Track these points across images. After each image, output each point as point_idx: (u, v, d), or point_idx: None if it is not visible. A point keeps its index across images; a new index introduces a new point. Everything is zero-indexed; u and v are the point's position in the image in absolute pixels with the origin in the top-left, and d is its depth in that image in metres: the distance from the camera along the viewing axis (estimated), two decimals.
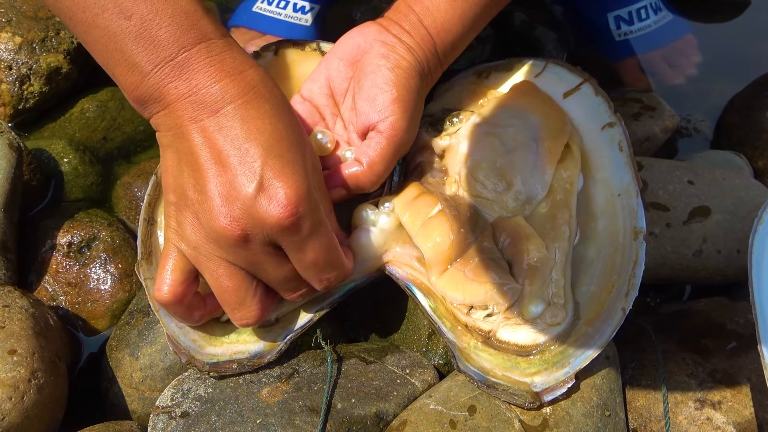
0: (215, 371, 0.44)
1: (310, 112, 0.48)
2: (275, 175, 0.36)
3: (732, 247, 0.53)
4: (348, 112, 0.48)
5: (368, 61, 0.45)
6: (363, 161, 0.44)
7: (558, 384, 0.42)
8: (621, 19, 0.68)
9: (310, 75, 0.49)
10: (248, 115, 0.37)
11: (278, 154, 0.37)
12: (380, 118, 0.44)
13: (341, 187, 0.45)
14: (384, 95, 0.44)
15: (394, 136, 0.44)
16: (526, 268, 0.45)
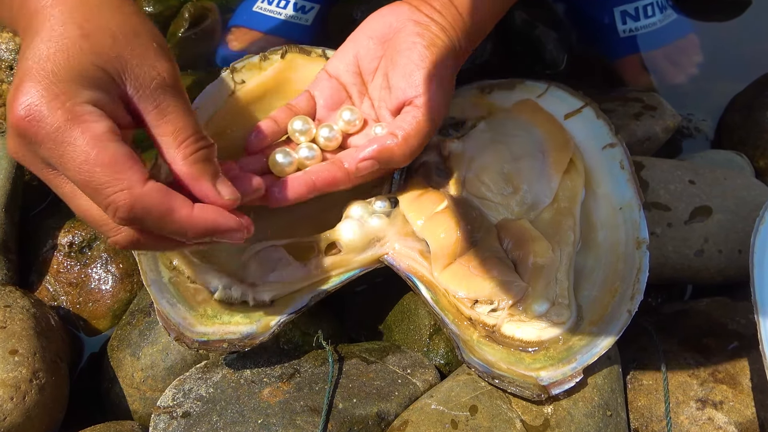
0: (204, 349, 0.44)
1: (337, 90, 0.48)
2: (28, 81, 0.31)
3: (733, 247, 0.53)
4: (378, 90, 0.48)
5: (402, 39, 0.46)
6: (398, 134, 0.44)
7: (566, 378, 0.42)
8: (627, 14, 0.68)
9: (337, 52, 0.49)
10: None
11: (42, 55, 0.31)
12: (417, 93, 0.45)
13: (373, 160, 0.45)
14: (421, 71, 0.45)
15: (430, 111, 0.45)
16: (532, 268, 0.46)
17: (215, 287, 0.46)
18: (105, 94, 0.33)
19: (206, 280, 0.46)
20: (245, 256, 0.49)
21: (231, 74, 0.53)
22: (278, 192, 0.44)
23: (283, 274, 0.47)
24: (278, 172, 0.46)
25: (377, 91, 0.48)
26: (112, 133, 0.32)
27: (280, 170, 0.46)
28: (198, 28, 0.71)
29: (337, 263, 0.47)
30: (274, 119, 0.47)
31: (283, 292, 0.46)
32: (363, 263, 0.47)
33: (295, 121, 0.47)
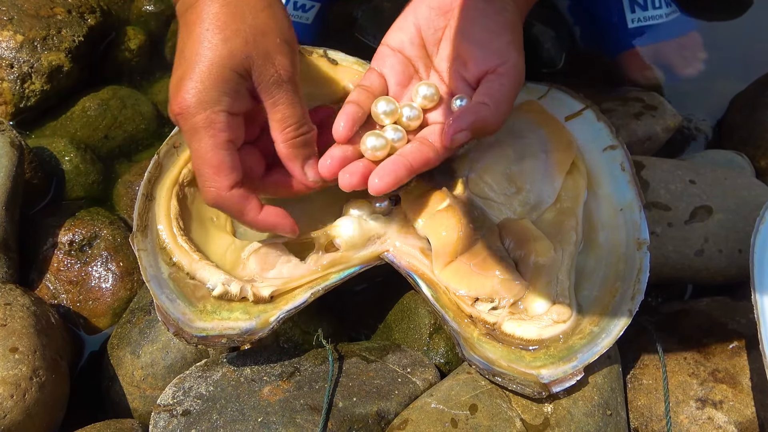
0: (203, 344, 0.44)
1: (405, 65, 0.47)
2: (185, 82, 0.41)
3: (734, 247, 0.53)
4: (445, 62, 0.47)
5: (468, 7, 0.45)
6: (489, 103, 0.44)
7: (566, 377, 0.42)
8: (636, 2, 0.68)
9: (395, 25, 0.48)
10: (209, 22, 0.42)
11: (197, 58, 0.41)
12: (501, 61, 0.44)
13: (467, 131, 0.44)
14: (500, 38, 0.44)
15: (516, 77, 0.44)
16: (533, 267, 0.46)
17: (213, 284, 0.46)
18: (236, 94, 0.42)
19: (204, 277, 0.46)
20: (245, 253, 0.49)
21: None
22: (378, 180, 0.43)
23: (283, 270, 0.47)
24: (371, 156, 0.45)
25: (445, 63, 0.47)
26: (228, 143, 0.42)
27: (372, 154, 0.44)
28: None
29: (337, 260, 0.47)
30: (357, 103, 0.46)
31: (283, 288, 0.46)
32: (363, 260, 0.47)
33: (379, 102, 0.46)
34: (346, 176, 0.43)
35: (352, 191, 0.44)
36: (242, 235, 0.51)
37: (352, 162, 0.44)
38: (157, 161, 0.50)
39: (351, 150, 0.45)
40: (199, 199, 0.51)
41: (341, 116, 0.45)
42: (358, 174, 0.43)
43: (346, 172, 0.43)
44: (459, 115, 0.44)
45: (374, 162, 0.45)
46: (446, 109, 0.47)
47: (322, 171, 0.44)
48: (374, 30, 0.72)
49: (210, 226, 0.50)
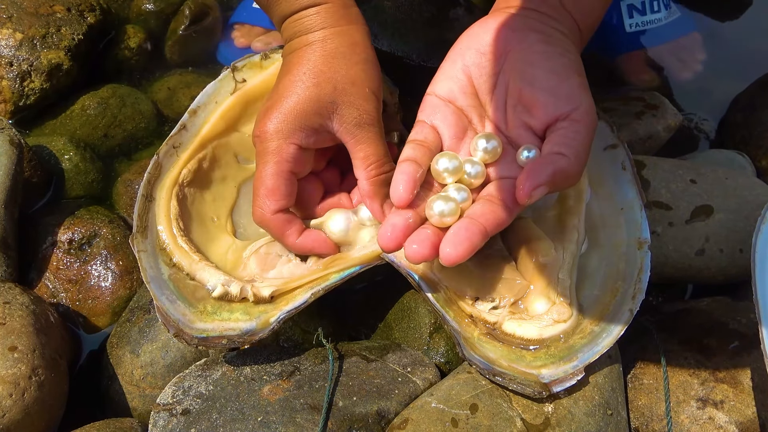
0: (204, 345, 0.44)
1: (458, 116, 0.44)
2: (271, 112, 0.45)
3: (735, 247, 0.53)
4: (501, 110, 0.43)
5: (527, 50, 0.42)
6: (567, 153, 0.40)
7: (567, 376, 0.42)
8: (634, 8, 0.68)
9: (441, 72, 0.45)
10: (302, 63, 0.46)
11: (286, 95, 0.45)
12: (573, 107, 0.41)
13: (545, 185, 0.39)
14: (569, 82, 0.41)
15: (591, 123, 0.41)
16: (534, 266, 0.46)
17: (213, 285, 0.46)
18: (314, 133, 0.45)
19: (204, 278, 0.46)
20: (246, 253, 0.49)
21: (232, 73, 0.53)
22: (451, 249, 0.38)
23: (283, 270, 0.47)
24: (438, 222, 0.40)
25: (501, 112, 0.43)
26: (289, 173, 0.45)
27: (440, 221, 0.39)
28: (198, 25, 0.71)
29: (337, 260, 0.47)
30: (414, 160, 0.41)
31: (284, 288, 0.46)
32: (363, 260, 0.47)
33: (441, 159, 0.41)
34: (413, 247, 0.39)
35: None
36: (242, 235, 0.51)
37: (419, 230, 0.40)
38: (156, 161, 0.49)
39: (412, 215, 0.40)
40: (199, 199, 0.50)
41: (399, 177, 0.41)
42: (428, 243, 0.39)
43: (413, 243, 0.39)
44: (535, 168, 0.39)
45: (441, 228, 0.40)
46: (510, 163, 0.43)
47: (384, 243, 0.40)
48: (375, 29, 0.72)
49: (210, 226, 0.50)
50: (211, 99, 0.52)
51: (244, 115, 0.53)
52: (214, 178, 0.51)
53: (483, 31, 0.44)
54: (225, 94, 0.52)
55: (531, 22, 0.44)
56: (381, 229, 0.40)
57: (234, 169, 0.52)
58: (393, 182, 0.41)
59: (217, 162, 0.52)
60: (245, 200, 0.52)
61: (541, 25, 0.43)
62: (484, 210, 0.40)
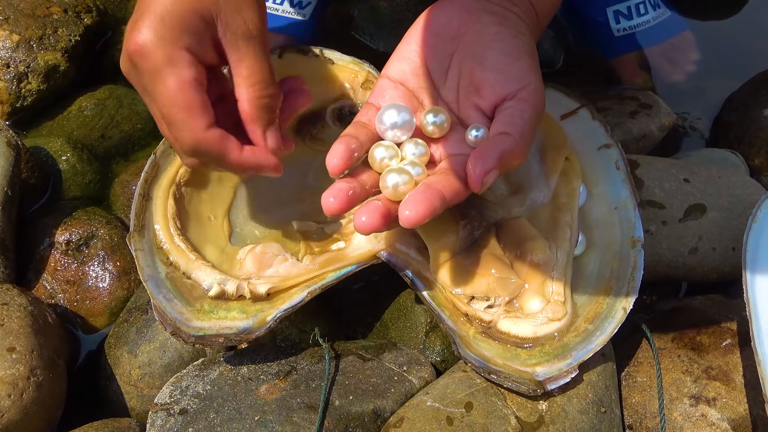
0: (201, 344, 0.44)
1: (407, 98, 0.43)
2: (143, 20, 0.38)
3: (727, 245, 0.53)
4: (455, 91, 0.43)
5: (481, 32, 0.42)
6: (512, 132, 0.39)
7: (561, 374, 0.43)
8: (620, 14, 0.68)
9: (396, 55, 0.44)
10: None
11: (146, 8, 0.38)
12: (521, 86, 0.40)
13: (495, 170, 0.38)
14: (519, 62, 0.41)
15: (538, 102, 0.40)
16: (528, 265, 0.46)
17: (209, 285, 0.46)
18: (199, 38, 0.38)
19: (200, 278, 0.46)
20: (241, 254, 0.49)
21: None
22: (410, 211, 0.37)
23: (280, 269, 0.48)
24: (392, 195, 0.39)
25: (454, 92, 0.43)
26: (196, 81, 0.38)
27: (394, 193, 0.39)
28: None
29: (333, 259, 0.48)
30: (354, 136, 0.40)
31: (280, 286, 0.46)
32: (360, 259, 0.47)
33: (376, 149, 0.40)
34: (361, 219, 0.37)
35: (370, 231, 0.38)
36: (239, 235, 0.51)
37: (368, 202, 0.38)
38: (153, 161, 0.50)
39: (357, 184, 0.39)
40: (196, 198, 0.51)
41: (336, 147, 0.39)
42: (377, 214, 0.38)
43: (362, 215, 0.37)
44: (483, 153, 0.39)
45: (395, 201, 0.39)
46: (461, 142, 0.42)
47: (327, 206, 0.38)
48: (371, 29, 0.72)
49: (207, 225, 0.50)
50: None
51: None
52: (210, 178, 0.52)
53: (438, 12, 0.43)
54: None
55: (487, 5, 0.43)
56: (326, 192, 0.38)
57: None
58: (329, 153, 0.39)
59: None
60: (242, 200, 0.52)
61: (497, 7, 0.43)
62: (440, 179, 0.39)
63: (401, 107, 0.41)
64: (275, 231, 0.52)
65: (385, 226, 0.38)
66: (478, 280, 0.46)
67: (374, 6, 0.73)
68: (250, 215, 0.52)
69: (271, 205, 0.52)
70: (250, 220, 0.52)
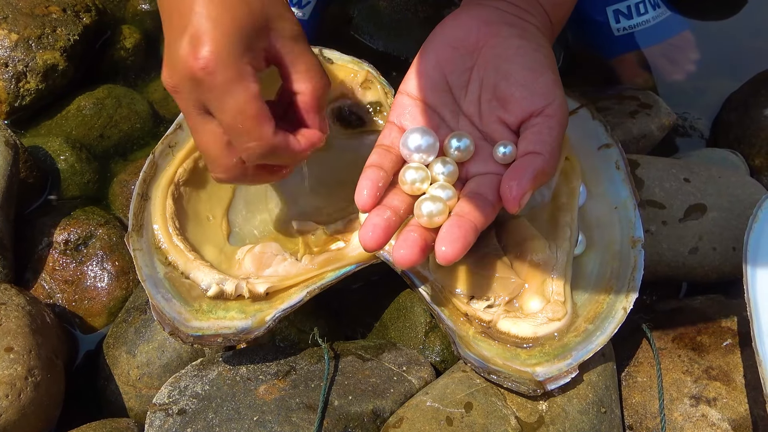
0: (199, 344, 0.44)
1: (428, 115, 0.43)
2: (207, 36, 0.38)
3: (728, 245, 0.53)
4: (476, 105, 0.42)
5: (502, 45, 0.41)
6: (542, 151, 0.39)
7: (561, 374, 0.42)
8: (620, 13, 0.68)
9: (413, 70, 0.43)
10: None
11: (214, 16, 0.38)
12: (547, 102, 0.40)
13: (530, 190, 0.39)
14: (544, 77, 0.41)
15: (564, 119, 0.40)
16: (528, 265, 0.46)
17: (208, 284, 0.46)
18: (256, 51, 0.40)
19: (198, 278, 0.46)
20: (240, 254, 0.49)
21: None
22: (447, 248, 0.37)
23: (279, 269, 0.47)
24: (427, 223, 0.39)
25: (475, 106, 0.42)
26: (259, 93, 0.40)
27: (429, 221, 0.39)
28: None
29: (332, 259, 0.47)
30: (378, 166, 0.41)
31: (279, 286, 0.46)
32: (359, 259, 0.47)
33: (407, 172, 0.40)
34: (401, 252, 0.38)
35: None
36: (237, 234, 0.51)
37: (404, 233, 0.39)
38: (152, 161, 0.50)
39: (391, 213, 0.39)
40: (194, 198, 0.51)
41: (363, 183, 0.40)
42: (417, 248, 0.38)
43: (401, 248, 0.38)
44: (517, 174, 0.39)
45: (430, 229, 0.39)
46: (487, 159, 0.42)
47: (367, 243, 0.38)
48: (370, 29, 0.72)
49: (206, 225, 0.50)
50: None
51: None
52: (209, 178, 0.52)
53: (456, 25, 0.43)
54: None
55: (505, 16, 0.43)
56: (362, 228, 0.39)
57: None
58: (357, 188, 0.40)
59: None
60: (240, 200, 0.52)
61: (515, 18, 0.43)
62: (470, 207, 0.40)
63: (425, 131, 0.41)
64: (274, 231, 0.52)
65: (424, 257, 0.39)
66: (477, 280, 0.46)
67: (374, 6, 0.73)
68: (249, 215, 0.52)
69: (270, 204, 0.52)
70: (249, 219, 0.52)
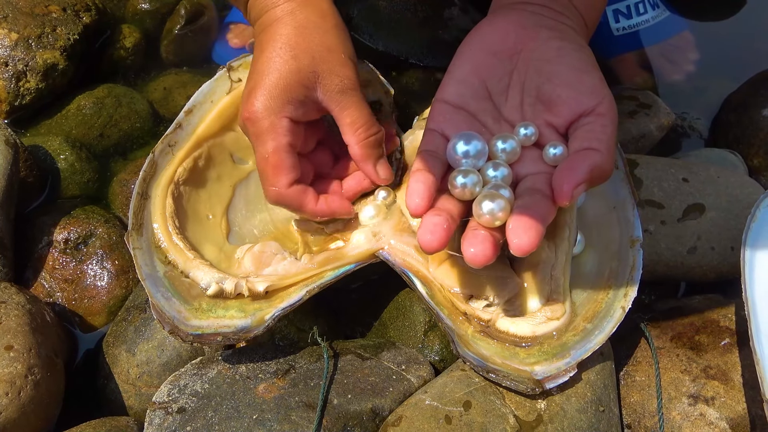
0: (199, 342, 0.44)
1: (469, 122, 0.42)
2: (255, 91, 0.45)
3: (726, 245, 0.53)
4: (519, 109, 0.42)
5: (542, 48, 0.41)
6: (599, 147, 0.38)
7: (560, 373, 0.43)
8: (620, 13, 0.68)
9: (450, 77, 0.43)
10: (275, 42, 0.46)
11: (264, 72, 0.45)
12: (597, 101, 0.40)
13: (584, 183, 0.38)
14: (590, 76, 0.40)
15: (615, 116, 0.40)
16: (528, 264, 0.46)
17: (207, 283, 0.46)
18: (300, 104, 0.45)
19: (198, 277, 0.46)
20: (239, 253, 0.49)
21: (228, 72, 0.53)
22: (520, 238, 0.36)
23: (278, 269, 0.47)
24: (488, 222, 0.38)
25: (517, 111, 0.42)
26: (289, 146, 0.45)
27: (491, 221, 0.38)
28: (194, 25, 0.71)
29: (332, 258, 0.48)
30: (427, 170, 0.40)
31: (279, 284, 0.46)
32: (358, 258, 0.47)
33: (457, 177, 0.40)
34: (471, 251, 0.37)
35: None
36: (237, 234, 0.51)
37: (469, 232, 0.38)
38: (152, 160, 0.50)
39: (447, 215, 0.38)
40: (194, 197, 0.51)
41: (414, 186, 0.39)
42: (488, 243, 0.37)
43: (470, 246, 0.37)
44: (571, 166, 0.38)
45: (491, 228, 0.38)
46: (536, 160, 0.41)
47: (428, 244, 0.38)
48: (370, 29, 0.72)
49: (206, 224, 0.50)
50: (207, 98, 0.52)
51: None
52: (209, 176, 0.52)
53: (491, 30, 0.43)
54: (221, 93, 0.53)
55: (542, 19, 0.43)
56: (420, 229, 0.38)
57: (229, 168, 0.53)
58: (408, 192, 0.39)
59: (212, 161, 0.52)
60: (240, 199, 0.52)
61: (551, 21, 0.43)
62: (532, 200, 0.38)
63: (472, 135, 0.40)
64: (274, 230, 0.52)
65: (496, 254, 0.38)
66: (476, 279, 0.46)
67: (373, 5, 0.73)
68: (248, 214, 0.52)
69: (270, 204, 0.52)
70: (248, 218, 0.52)
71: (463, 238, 0.38)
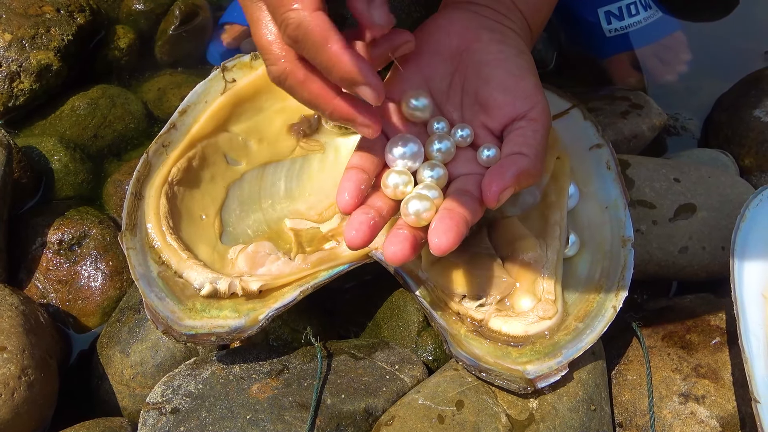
0: (193, 342, 0.44)
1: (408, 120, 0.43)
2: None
3: (717, 244, 0.54)
4: (458, 110, 0.43)
5: (482, 50, 0.42)
6: (527, 152, 0.40)
7: (551, 372, 0.43)
8: (611, 14, 0.68)
9: (393, 75, 0.43)
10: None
11: None
12: (530, 106, 0.41)
13: (511, 187, 0.39)
14: (525, 82, 0.41)
15: (547, 122, 0.41)
16: (520, 264, 0.47)
17: (201, 284, 0.46)
18: None
19: (192, 277, 0.46)
20: (232, 253, 0.49)
21: (222, 73, 0.53)
22: (439, 239, 0.37)
23: (272, 269, 0.48)
24: (414, 222, 0.39)
25: (457, 110, 0.43)
26: None
27: (417, 220, 0.39)
28: (189, 25, 0.71)
29: (326, 258, 0.48)
30: (360, 168, 0.40)
31: (272, 284, 0.46)
32: (352, 258, 0.47)
33: (389, 177, 0.40)
34: (391, 249, 0.38)
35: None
36: (231, 234, 0.51)
37: (393, 231, 0.39)
38: (146, 160, 0.50)
39: (374, 213, 0.39)
40: (188, 197, 0.51)
41: (345, 185, 0.39)
42: (407, 242, 0.38)
43: (391, 245, 0.38)
44: (499, 171, 0.39)
45: (417, 228, 0.39)
46: (470, 161, 0.42)
47: (351, 241, 0.38)
48: None
49: (199, 224, 0.50)
50: (201, 99, 0.52)
51: (234, 115, 0.53)
52: (203, 177, 0.52)
53: (435, 30, 0.43)
54: (215, 93, 0.53)
55: (485, 21, 0.43)
56: (346, 227, 0.39)
57: (223, 169, 0.53)
58: (338, 189, 0.39)
59: (206, 161, 0.52)
60: (234, 199, 0.52)
61: (495, 24, 0.43)
62: (457, 203, 0.40)
63: (408, 138, 0.41)
64: (267, 230, 0.52)
65: (415, 254, 0.39)
66: (469, 279, 0.47)
67: None
68: (242, 214, 0.52)
69: (264, 204, 0.53)
70: (242, 219, 0.52)
71: (386, 237, 0.39)
